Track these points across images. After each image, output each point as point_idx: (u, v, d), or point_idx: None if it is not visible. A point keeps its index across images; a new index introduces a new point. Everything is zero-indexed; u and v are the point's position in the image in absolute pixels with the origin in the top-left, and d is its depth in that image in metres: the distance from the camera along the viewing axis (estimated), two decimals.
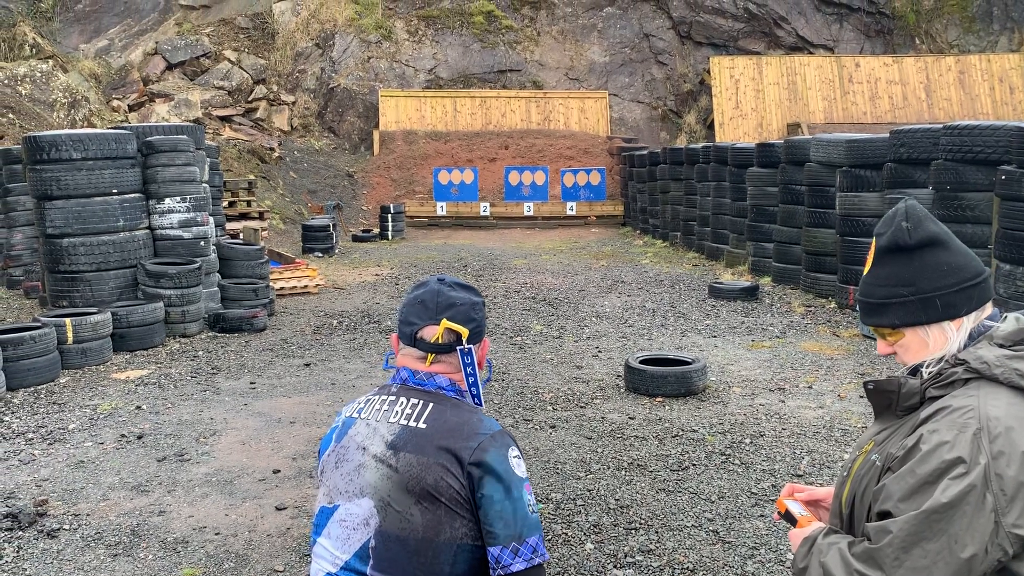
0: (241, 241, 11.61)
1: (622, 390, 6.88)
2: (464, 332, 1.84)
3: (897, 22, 26.82)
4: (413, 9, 26.06)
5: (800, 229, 11.22)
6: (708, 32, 26.65)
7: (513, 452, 1.78)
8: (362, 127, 24.47)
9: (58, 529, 4.51)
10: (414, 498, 1.71)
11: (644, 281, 12.54)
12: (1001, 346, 1.51)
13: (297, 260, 12.79)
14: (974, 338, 1.55)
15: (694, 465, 5.27)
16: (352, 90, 24.65)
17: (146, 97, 22.84)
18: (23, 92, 19.46)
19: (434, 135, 23.54)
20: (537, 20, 26.52)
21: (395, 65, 25.12)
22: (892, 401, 1.58)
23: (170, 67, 24.04)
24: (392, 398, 1.84)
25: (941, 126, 8.59)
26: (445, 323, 1.83)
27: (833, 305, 10.11)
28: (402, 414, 1.79)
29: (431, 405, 1.80)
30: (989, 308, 1.58)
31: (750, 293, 10.75)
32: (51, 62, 20.88)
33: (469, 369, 1.86)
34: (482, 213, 21.05)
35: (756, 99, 24.69)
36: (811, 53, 26.15)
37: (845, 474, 1.66)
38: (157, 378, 7.48)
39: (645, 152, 19.88)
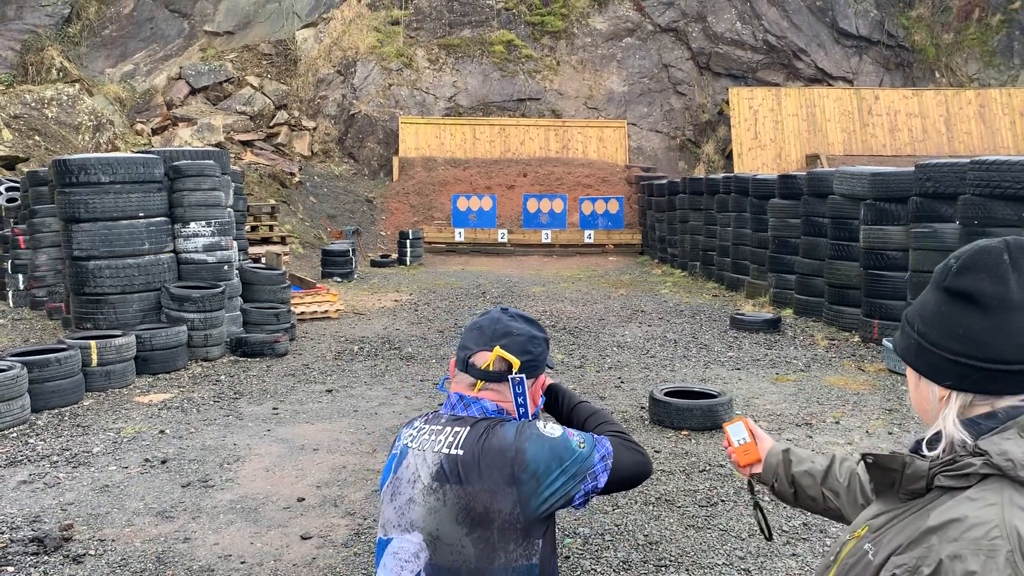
0: (263, 265, 11.66)
1: (647, 422, 6.82)
2: (515, 363, 1.81)
3: (917, 55, 26.86)
4: (434, 38, 26.34)
5: (822, 261, 11.17)
6: (727, 63, 26.79)
7: (541, 425, 1.77)
8: (382, 153, 24.65)
9: (84, 554, 4.49)
10: (465, 529, 1.70)
11: (664, 311, 12.49)
12: None
13: (318, 285, 12.83)
14: (1002, 421, 1.30)
15: (723, 501, 5.20)
16: (372, 116, 24.87)
17: (169, 121, 23.12)
18: (49, 115, 19.74)
19: (453, 162, 23.68)
20: (557, 50, 26.74)
21: (415, 92, 25.34)
22: (895, 480, 1.36)
23: (193, 92, 24.35)
24: (439, 427, 1.82)
25: (968, 160, 8.55)
26: (498, 351, 1.81)
27: (857, 339, 10.02)
28: (444, 443, 1.78)
29: (468, 429, 1.77)
30: (1008, 401, 1.31)
31: (772, 325, 10.68)
32: (77, 85, 21.19)
33: (520, 399, 1.83)
34: (500, 240, 21.09)
35: (775, 130, 24.73)
36: (830, 85, 26.22)
37: (832, 558, 1.46)
38: (180, 402, 7.49)
39: (664, 181, 19.90)
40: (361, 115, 24.86)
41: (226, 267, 9.65)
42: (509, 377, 1.81)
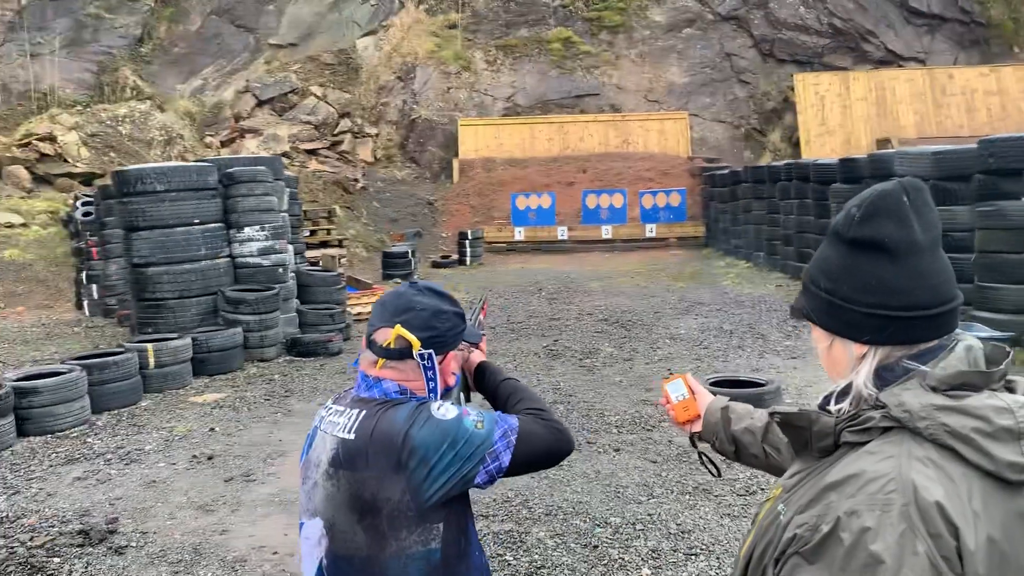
0: (320, 268, 11.88)
1: None
2: (415, 342, 1.72)
3: (993, 31, 25.70)
4: (491, 39, 26.44)
5: None
6: (791, 49, 26.12)
7: (435, 407, 1.69)
8: (442, 156, 24.86)
9: (125, 546, 4.64)
10: (356, 515, 1.65)
11: (723, 303, 12.24)
12: (934, 390, 1.20)
13: (374, 286, 13.01)
14: (903, 372, 1.24)
15: (763, 490, 5.05)
16: (432, 120, 25.11)
17: (237, 133, 23.78)
18: (123, 131, 20.54)
19: (512, 162, 23.72)
20: (615, 44, 26.52)
21: (474, 94, 25.48)
22: (807, 438, 1.31)
23: (260, 104, 24.99)
24: (343, 408, 1.76)
25: None
26: (398, 328, 1.73)
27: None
28: (341, 426, 1.71)
29: (364, 412, 1.70)
30: (913, 350, 1.26)
31: None
32: (149, 102, 22.00)
33: (430, 373, 1.75)
34: (560, 237, 21.03)
35: (843, 115, 24.02)
36: (901, 67, 25.30)
37: (751, 522, 1.42)
38: (232, 401, 7.68)
39: (726, 171, 19.54)
40: (421, 119, 25.13)
41: (280, 270, 9.86)
42: (417, 354, 1.73)
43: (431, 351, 1.74)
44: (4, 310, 13.76)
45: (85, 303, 13.37)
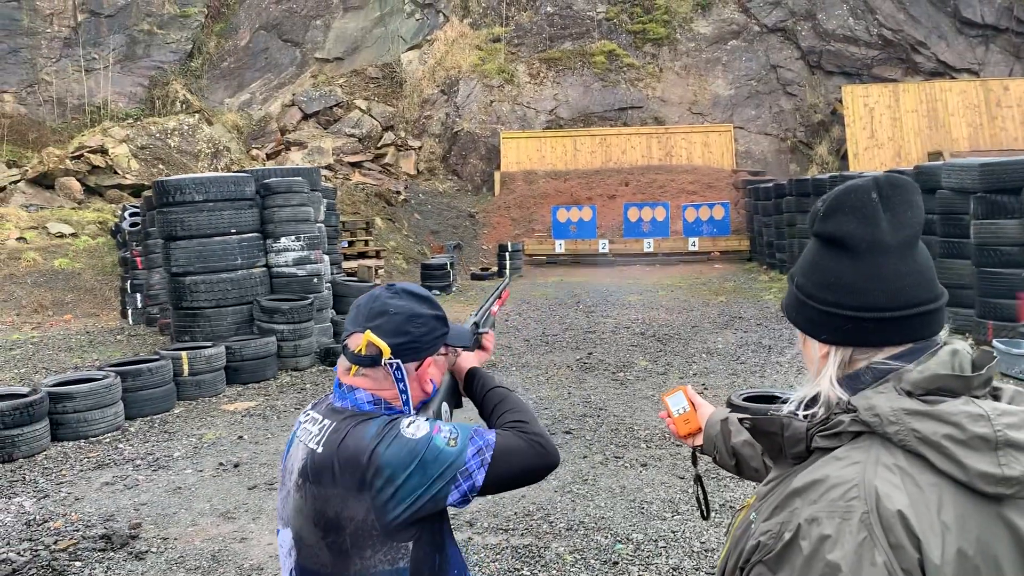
0: (355, 278, 11.94)
1: None
2: (384, 348, 1.63)
3: None
4: (535, 52, 26.49)
5: (932, 260, 10.45)
6: (839, 61, 25.70)
7: (404, 424, 1.60)
8: (484, 169, 24.93)
9: (146, 552, 4.66)
10: (321, 531, 1.59)
11: (764, 317, 12.00)
12: (909, 394, 1.14)
13: None
14: (878, 375, 1.19)
15: None
16: (475, 133, 25.20)
17: (283, 146, 24.14)
18: (172, 144, 20.98)
19: (554, 174, 23.67)
20: (659, 57, 26.37)
21: (516, 107, 25.52)
22: (781, 444, 1.26)
23: (305, 117, 25.36)
24: (318, 416, 1.70)
25: None
26: (368, 335, 1.64)
27: (970, 341, 9.30)
28: (312, 436, 1.65)
29: (334, 425, 1.63)
30: (888, 353, 1.20)
31: None
32: (197, 116, 22.44)
33: (401, 385, 1.66)
34: (601, 250, 20.89)
35: (893, 128, 23.51)
36: (953, 78, 24.71)
37: (725, 533, 1.37)
38: (263, 410, 7.72)
39: (771, 184, 19.23)
40: (464, 132, 25.25)
41: (315, 280, 9.92)
42: (385, 362, 1.64)
43: (399, 360, 1.65)
44: (53, 318, 14.09)
45: (129, 312, 13.62)
